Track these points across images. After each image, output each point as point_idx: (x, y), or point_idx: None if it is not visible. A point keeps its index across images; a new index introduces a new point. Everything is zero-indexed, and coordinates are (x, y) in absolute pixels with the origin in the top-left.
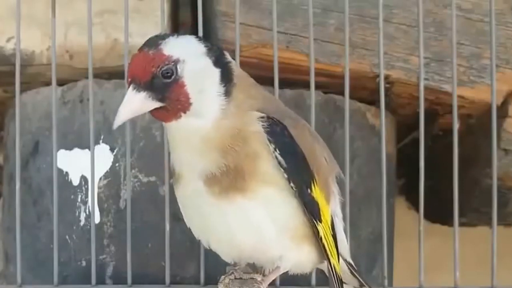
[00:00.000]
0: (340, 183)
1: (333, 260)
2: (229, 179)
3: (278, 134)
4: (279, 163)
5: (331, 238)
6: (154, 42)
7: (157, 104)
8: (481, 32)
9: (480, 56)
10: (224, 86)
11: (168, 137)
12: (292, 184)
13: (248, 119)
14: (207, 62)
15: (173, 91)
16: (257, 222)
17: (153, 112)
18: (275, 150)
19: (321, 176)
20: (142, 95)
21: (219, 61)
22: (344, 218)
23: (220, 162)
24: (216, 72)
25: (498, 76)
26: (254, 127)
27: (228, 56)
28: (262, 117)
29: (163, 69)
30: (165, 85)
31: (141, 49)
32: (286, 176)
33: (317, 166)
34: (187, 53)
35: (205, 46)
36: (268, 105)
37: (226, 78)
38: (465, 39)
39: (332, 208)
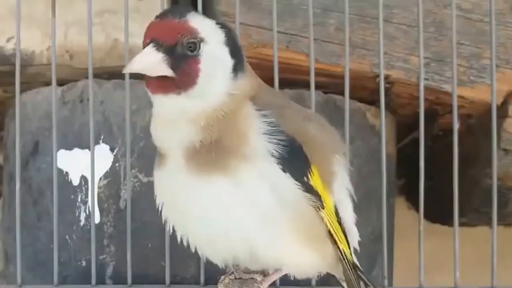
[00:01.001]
0: None
1: (342, 246)
2: (211, 156)
3: (271, 126)
4: (273, 155)
5: (337, 224)
6: (180, 12)
7: (168, 72)
8: (481, 32)
9: (480, 56)
10: (234, 76)
11: (154, 117)
12: (288, 174)
13: (243, 107)
14: (225, 51)
15: (188, 64)
16: (236, 206)
17: (157, 81)
18: (269, 142)
19: (321, 159)
20: (160, 56)
21: (235, 51)
22: None
23: (203, 137)
24: (230, 62)
25: (498, 76)
26: (247, 116)
27: (239, 42)
28: (256, 109)
29: (189, 40)
30: (183, 57)
31: (163, 15)
32: (281, 167)
33: (314, 150)
34: (210, 36)
35: (225, 36)
36: (263, 95)
37: (239, 67)
38: (465, 39)
39: (337, 197)
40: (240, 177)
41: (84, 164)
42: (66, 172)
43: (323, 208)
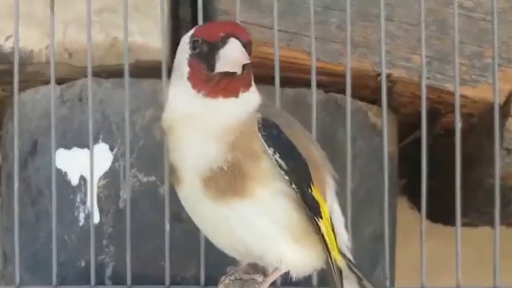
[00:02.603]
0: (341, 183)
1: (334, 253)
2: (228, 179)
3: (276, 138)
4: (280, 166)
5: (331, 233)
6: None
7: (240, 70)
8: (483, 31)
9: (482, 55)
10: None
11: (178, 127)
12: (294, 186)
13: (253, 119)
14: None
15: (248, 64)
16: (258, 225)
17: (228, 79)
18: (275, 153)
19: (319, 172)
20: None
21: None
22: (345, 218)
23: (224, 158)
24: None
25: (500, 75)
26: (256, 128)
27: None
28: (259, 120)
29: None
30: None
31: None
32: (287, 178)
33: (314, 163)
34: None
35: None
36: (266, 106)
37: None
38: (467, 38)
39: (329, 203)
40: (258, 200)
41: (83, 163)
42: (65, 172)
43: (321, 219)
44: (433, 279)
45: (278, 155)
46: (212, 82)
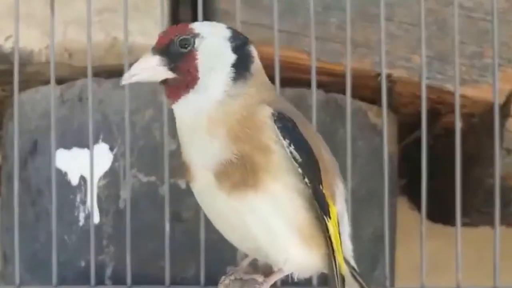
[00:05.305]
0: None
1: (339, 258)
2: (240, 171)
3: (291, 130)
4: (294, 158)
5: (338, 237)
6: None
7: (168, 74)
8: (483, 31)
9: (482, 55)
10: (235, 72)
11: (179, 127)
12: (306, 180)
13: (260, 111)
14: (226, 45)
15: (185, 61)
16: (268, 220)
17: (165, 88)
18: (290, 145)
19: (328, 175)
20: (156, 58)
21: (240, 49)
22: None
23: (230, 150)
24: (231, 56)
25: (500, 75)
26: (266, 120)
27: (254, 50)
28: (274, 113)
29: (181, 38)
30: (179, 54)
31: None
32: (300, 171)
33: (324, 165)
34: (209, 32)
35: (231, 33)
36: (279, 103)
37: (242, 65)
38: (467, 38)
39: (338, 208)
40: (270, 194)
41: (83, 163)
42: (65, 172)
43: (330, 219)
44: (433, 279)
45: (293, 147)
46: (167, 91)
